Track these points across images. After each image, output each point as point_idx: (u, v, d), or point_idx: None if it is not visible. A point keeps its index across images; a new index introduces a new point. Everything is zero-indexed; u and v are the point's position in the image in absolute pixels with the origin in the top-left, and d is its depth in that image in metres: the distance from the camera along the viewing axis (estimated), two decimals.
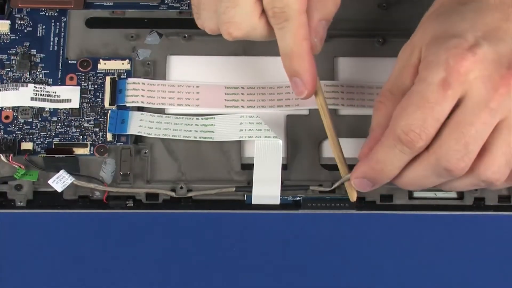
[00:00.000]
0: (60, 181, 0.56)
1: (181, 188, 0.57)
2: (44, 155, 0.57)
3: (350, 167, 0.54)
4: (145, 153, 0.58)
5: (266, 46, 0.58)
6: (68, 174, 0.56)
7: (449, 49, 0.49)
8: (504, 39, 0.49)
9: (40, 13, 0.62)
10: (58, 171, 0.56)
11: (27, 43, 0.61)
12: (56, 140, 0.59)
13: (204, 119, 0.58)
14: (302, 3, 0.51)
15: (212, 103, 0.60)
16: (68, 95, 0.60)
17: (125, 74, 0.61)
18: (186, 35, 0.62)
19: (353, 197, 0.55)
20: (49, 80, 0.60)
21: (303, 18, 0.52)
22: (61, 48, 0.61)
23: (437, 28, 0.51)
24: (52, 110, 0.59)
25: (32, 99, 0.59)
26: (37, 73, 0.61)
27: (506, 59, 0.49)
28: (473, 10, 0.50)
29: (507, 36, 0.49)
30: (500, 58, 0.48)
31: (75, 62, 0.61)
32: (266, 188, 0.57)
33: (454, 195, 0.58)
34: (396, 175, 0.52)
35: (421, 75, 0.49)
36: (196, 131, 0.58)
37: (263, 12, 0.52)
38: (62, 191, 0.57)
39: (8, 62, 0.61)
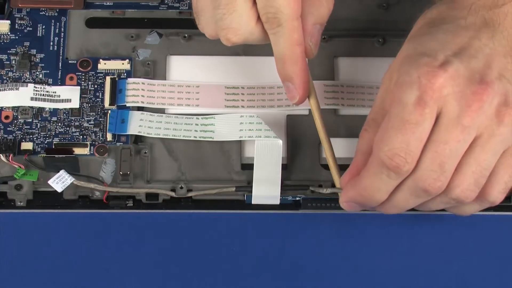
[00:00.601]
0: (60, 181, 0.56)
1: (181, 188, 0.57)
2: (44, 155, 0.57)
3: (346, 167, 0.54)
4: (145, 153, 0.58)
5: (266, 46, 0.58)
6: (68, 174, 0.56)
7: (420, 67, 0.48)
8: (475, 56, 0.49)
9: (40, 13, 0.62)
10: (58, 171, 0.56)
11: (27, 43, 0.61)
12: (56, 140, 0.59)
13: (204, 119, 0.58)
14: (295, 8, 0.51)
15: (212, 103, 0.60)
16: (68, 95, 0.60)
17: (125, 74, 0.61)
18: (186, 35, 0.62)
19: (336, 184, 0.56)
20: (49, 80, 0.60)
21: (296, 23, 0.52)
22: (61, 48, 0.61)
23: (408, 49, 0.50)
24: (52, 110, 0.59)
25: (32, 99, 0.59)
26: (37, 73, 0.61)
27: (478, 75, 0.48)
28: (444, 31, 0.50)
29: (478, 53, 0.49)
30: (472, 74, 0.48)
31: (75, 62, 0.61)
32: (266, 188, 0.57)
33: None
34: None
35: (395, 97, 0.49)
36: (196, 130, 0.58)
37: (259, 17, 0.52)
38: (62, 191, 0.57)
39: (8, 62, 0.61)
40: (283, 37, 0.52)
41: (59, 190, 0.56)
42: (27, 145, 0.58)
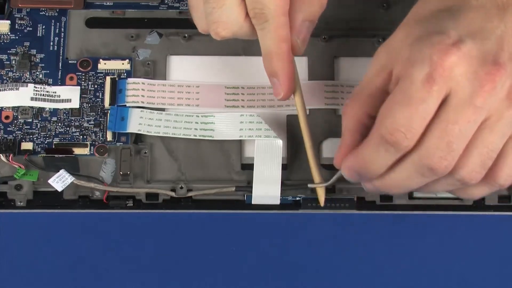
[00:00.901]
0: (60, 181, 0.56)
1: (181, 188, 0.57)
2: (44, 155, 0.57)
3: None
4: (145, 153, 0.58)
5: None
6: (68, 174, 0.56)
7: (433, 45, 0.48)
8: (488, 37, 0.48)
9: (40, 13, 0.62)
10: (58, 171, 0.56)
11: (27, 43, 0.61)
12: (56, 140, 0.59)
13: (204, 117, 0.58)
14: (282, 4, 0.51)
15: (212, 103, 0.60)
16: (68, 95, 0.60)
17: (125, 74, 0.61)
18: (186, 35, 0.62)
19: (321, 201, 0.56)
20: (49, 80, 0.60)
21: (282, 19, 0.52)
22: (61, 48, 0.61)
23: (421, 30, 0.50)
24: (52, 110, 0.59)
25: (32, 99, 0.59)
26: (37, 73, 0.61)
27: (491, 56, 0.48)
28: (455, 12, 0.50)
29: (491, 35, 0.48)
30: (485, 55, 0.48)
31: (75, 62, 0.61)
32: (266, 188, 0.57)
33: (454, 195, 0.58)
34: (380, 177, 0.51)
35: (405, 73, 0.48)
36: (196, 129, 0.58)
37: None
38: (62, 191, 0.57)
39: (8, 62, 0.61)
40: (270, 33, 0.52)
41: (59, 189, 0.56)
42: (27, 145, 0.58)
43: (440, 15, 0.50)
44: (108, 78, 0.60)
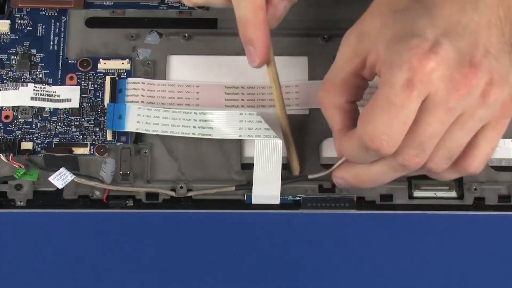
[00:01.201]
0: (60, 178, 0.56)
1: (181, 187, 0.57)
2: (44, 153, 0.57)
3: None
4: (145, 152, 0.58)
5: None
6: (69, 172, 0.56)
7: (411, 48, 0.48)
8: (463, 34, 0.48)
9: (40, 13, 0.62)
10: (59, 169, 0.56)
11: (27, 43, 0.61)
12: (56, 140, 0.59)
13: (202, 114, 0.58)
14: None
15: (212, 103, 0.60)
16: (68, 95, 0.60)
17: (125, 74, 0.61)
18: (186, 35, 0.62)
19: (296, 170, 0.56)
20: (49, 79, 0.60)
21: None
22: (61, 47, 0.61)
23: (396, 26, 0.50)
24: (52, 110, 0.59)
25: (32, 98, 0.59)
26: (37, 72, 0.61)
27: (467, 56, 0.48)
28: (430, 6, 0.50)
29: (465, 31, 0.48)
30: (461, 56, 0.48)
31: (75, 61, 0.61)
32: (266, 188, 0.57)
33: (454, 195, 0.58)
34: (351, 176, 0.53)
35: (384, 77, 0.48)
36: (194, 127, 0.58)
37: None
38: (62, 191, 0.57)
39: (8, 62, 0.61)
40: (245, 0, 0.52)
41: (60, 186, 0.56)
42: (27, 145, 0.58)
43: (414, 9, 0.50)
44: (108, 78, 0.60)
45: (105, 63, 0.61)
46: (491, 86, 0.48)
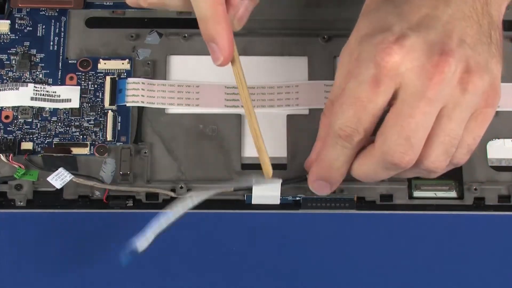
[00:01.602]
0: (59, 178, 0.56)
1: (181, 188, 0.57)
2: (43, 153, 0.57)
3: None
4: (145, 153, 0.58)
5: (266, 46, 0.58)
6: (67, 172, 0.56)
7: (376, 44, 0.48)
8: (434, 26, 0.49)
9: (40, 13, 0.62)
10: (57, 169, 0.56)
11: (27, 43, 0.61)
12: (56, 140, 0.59)
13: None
14: None
15: (212, 103, 0.60)
16: (68, 95, 0.60)
17: (125, 74, 0.61)
18: (186, 35, 0.62)
19: (268, 173, 0.54)
20: (49, 80, 0.60)
21: None
22: (61, 48, 0.61)
23: (367, 26, 0.50)
24: (52, 110, 0.59)
25: (32, 99, 0.59)
26: (37, 73, 0.61)
27: (437, 46, 0.48)
28: (400, 4, 0.50)
29: (436, 23, 0.49)
30: (431, 46, 0.48)
31: (75, 62, 0.61)
32: (266, 188, 0.57)
33: (454, 195, 0.58)
34: (349, 170, 0.52)
35: (353, 73, 0.49)
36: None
37: None
38: (62, 191, 0.57)
39: (8, 62, 0.61)
40: None
41: (58, 186, 0.56)
42: (27, 145, 0.58)
43: (385, 8, 0.50)
44: (108, 78, 0.60)
45: (105, 63, 0.61)
46: (468, 74, 0.48)
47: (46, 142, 0.59)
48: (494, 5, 0.51)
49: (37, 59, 0.61)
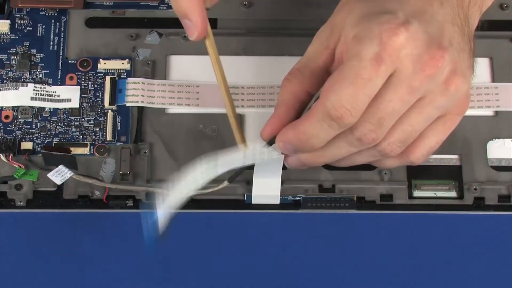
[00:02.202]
0: (59, 175, 0.56)
1: None
2: (43, 151, 0.57)
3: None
4: (145, 152, 0.58)
5: (266, 46, 0.58)
6: (67, 169, 0.56)
7: (382, 23, 0.48)
8: (431, 21, 0.49)
9: (40, 13, 0.62)
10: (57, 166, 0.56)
11: (27, 43, 0.61)
12: (56, 140, 0.59)
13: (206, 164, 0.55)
14: None
15: (212, 103, 0.60)
16: (68, 95, 0.60)
17: (125, 74, 0.61)
18: (186, 35, 0.62)
19: (241, 140, 0.53)
20: (49, 79, 0.60)
21: None
22: (61, 48, 0.61)
23: (365, 8, 0.50)
24: (52, 110, 0.59)
25: (32, 98, 0.59)
26: (37, 72, 0.61)
27: (436, 40, 0.48)
28: None
29: (433, 19, 0.49)
30: (431, 39, 0.48)
31: (75, 61, 0.61)
32: (266, 188, 0.57)
33: (454, 195, 0.58)
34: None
35: (354, 50, 0.48)
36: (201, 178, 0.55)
37: None
38: (62, 191, 0.57)
39: (8, 62, 0.61)
40: None
41: (59, 183, 0.56)
42: (27, 145, 0.58)
43: None
44: (108, 78, 0.60)
45: (105, 63, 0.61)
46: (454, 75, 0.49)
47: (46, 142, 0.59)
48: (472, 17, 0.52)
49: (37, 59, 0.61)
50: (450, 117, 0.51)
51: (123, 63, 0.61)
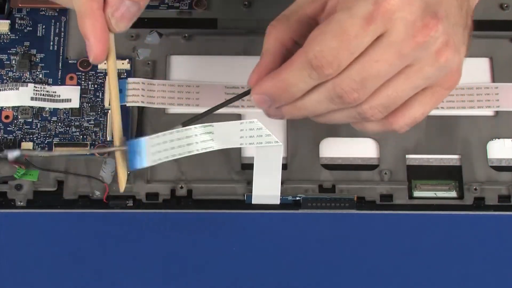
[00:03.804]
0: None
1: (181, 188, 0.57)
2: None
3: (345, 167, 0.54)
4: None
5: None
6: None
7: None
8: None
9: (40, 13, 0.62)
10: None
11: (27, 43, 0.61)
12: (56, 140, 0.59)
13: (202, 127, 0.56)
14: None
15: (212, 103, 0.60)
16: (68, 95, 0.60)
17: (125, 74, 0.61)
18: (186, 35, 0.62)
19: (122, 185, 0.51)
20: (49, 80, 0.60)
21: None
22: (61, 48, 0.61)
23: None
24: (52, 110, 0.59)
25: (32, 98, 0.59)
26: (37, 73, 0.61)
27: (432, 8, 0.48)
28: None
29: None
30: (427, 6, 0.47)
31: (75, 61, 0.61)
32: (266, 188, 0.57)
33: (454, 195, 0.58)
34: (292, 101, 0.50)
35: (346, 4, 0.48)
36: (197, 142, 0.56)
37: None
38: (62, 191, 0.57)
39: (8, 62, 0.61)
40: None
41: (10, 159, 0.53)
42: (27, 145, 0.58)
43: None
44: (108, 78, 0.60)
45: (105, 63, 0.61)
46: (446, 47, 0.48)
47: (46, 142, 0.59)
48: None
49: (37, 59, 0.61)
50: (438, 90, 0.50)
51: (123, 63, 0.61)
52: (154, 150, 0.54)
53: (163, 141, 0.54)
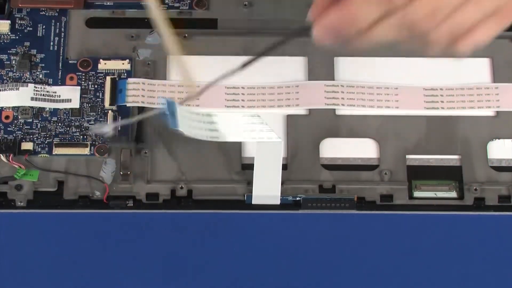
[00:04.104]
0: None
1: (181, 188, 0.57)
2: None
3: (345, 167, 0.54)
4: (145, 153, 0.58)
5: (266, 46, 0.57)
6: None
7: None
8: None
9: (40, 13, 0.62)
10: None
11: (27, 43, 0.61)
12: (56, 140, 0.59)
13: (208, 116, 0.57)
14: None
15: (212, 103, 0.60)
16: (68, 95, 0.60)
17: (125, 74, 0.61)
18: (186, 35, 0.62)
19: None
20: (49, 80, 0.60)
21: None
22: (61, 48, 0.61)
23: None
24: (52, 110, 0.59)
25: (32, 99, 0.59)
26: (37, 73, 0.61)
27: None
28: None
29: None
30: None
31: (75, 62, 0.61)
32: (266, 188, 0.57)
33: (454, 195, 0.58)
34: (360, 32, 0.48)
35: None
36: (206, 129, 0.56)
37: None
38: (63, 191, 0.57)
39: (8, 62, 0.61)
40: None
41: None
42: (27, 145, 0.58)
43: None
44: (108, 78, 0.60)
45: (105, 63, 0.61)
46: None
47: (46, 142, 0.59)
48: None
49: (37, 59, 0.61)
50: (506, 14, 0.48)
51: (123, 63, 0.61)
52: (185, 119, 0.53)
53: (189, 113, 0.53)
